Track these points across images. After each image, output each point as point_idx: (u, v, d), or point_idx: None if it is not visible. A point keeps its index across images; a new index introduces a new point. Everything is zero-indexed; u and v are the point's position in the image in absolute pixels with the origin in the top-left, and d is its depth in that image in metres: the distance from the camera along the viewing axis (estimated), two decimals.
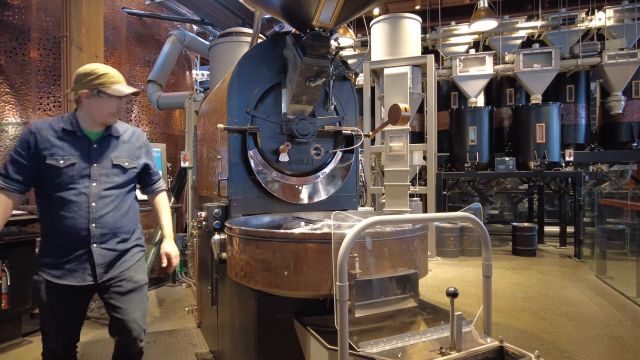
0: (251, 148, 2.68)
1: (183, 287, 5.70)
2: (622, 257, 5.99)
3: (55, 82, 5.51)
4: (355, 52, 10.90)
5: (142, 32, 6.59)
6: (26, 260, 3.81)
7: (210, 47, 5.58)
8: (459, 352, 1.64)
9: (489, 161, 8.50)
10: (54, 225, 2.16)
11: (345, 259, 1.51)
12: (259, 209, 2.75)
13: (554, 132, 8.11)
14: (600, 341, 3.78)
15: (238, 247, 2.21)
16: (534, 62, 8.36)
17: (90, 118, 2.20)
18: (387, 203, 7.09)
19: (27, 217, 3.92)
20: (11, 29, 5.39)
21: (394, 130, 6.95)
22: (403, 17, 7.55)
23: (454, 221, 7.57)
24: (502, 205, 12.55)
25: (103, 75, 2.15)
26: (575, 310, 4.62)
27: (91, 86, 2.14)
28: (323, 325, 1.95)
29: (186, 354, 3.52)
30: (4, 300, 3.57)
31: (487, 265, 1.85)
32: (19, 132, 5.39)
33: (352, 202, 3.09)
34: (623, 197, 5.96)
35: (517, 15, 10.30)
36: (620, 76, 8.30)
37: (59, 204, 2.14)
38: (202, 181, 3.75)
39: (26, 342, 3.80)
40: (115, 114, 2.25)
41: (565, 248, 8.39)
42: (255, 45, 2.77)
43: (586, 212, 7.40)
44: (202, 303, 3.98)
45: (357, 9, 2.42)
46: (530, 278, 6.08)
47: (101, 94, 2.15)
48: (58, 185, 2.13)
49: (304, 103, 2.72)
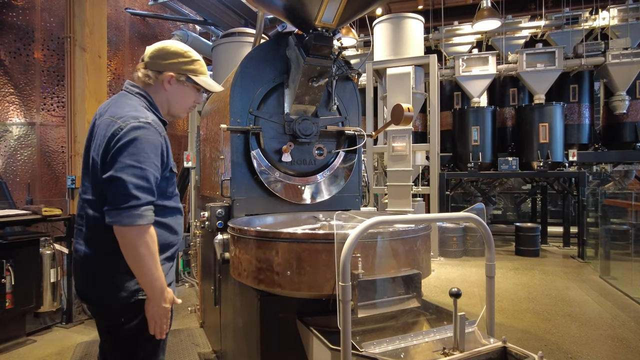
0: (254, 148, 2.68)
1: (186, 286, 5.72)
2: (626, 257, 5.96)
3: (59, 82, 5.53)
4: (358, 52, 10.89)
5: (145, 32, 6.60)
6: (30, 260, 3.83)
7: (213, 47, 5.59)
8: (462, 352, 1.63)
9: (492, 161, 8.48)
10: (169, 240, 1.76)
11: (348, 259, 1.51)
12: (261, 209, 2.76)
13: (557, 132, 8.08)
14: (604, 342, 3.76)
15: (241, 247, 2.21)
16: (537, 62, 8.33)
17: (164, 108, 1.81)
18: (390, 203, 7.09)
19: (31, 217, 3.94)
20: (15, 30, 5.42)
21: (397, 130, 6.94)
22: (406, 17, 7.54)
23: (457, 221, 7.55)
24: (505, 206, 12.51)
25: (196, 62, 1.79)
26: (579, 311, 4.60)
27: (180, 70, 1.75)
28: (326, 326, 1.95)
29: (189, 354, 3.53)
30: (8, 299, 3.60)
31: (490, 265, 1.84)
32: (23, 132, 5.42)
33: (355, 202, 3.09)
34: (627, 198, 5.94)
35: (520, 15, 10.27)
36: (624, 76, 8.25)
37: (172, 214, 1.76)
38: (205, 181, 3.76)
39: (30, 341, 3.81)
40: (192, 109, 1.91)
41: (568, 248, 8.36)
42: (258, 46, 2.78)
43: (590, 213, 7.37)
44: (205, 303, 3.99)
45: (360, 9, 2.42)
46: (533, 278, 6.06)
47: (188, 82, 1.77)
48: (167, 194, 1.74)
49: (306, 103, 2.72)
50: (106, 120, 1.63)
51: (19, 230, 4.26)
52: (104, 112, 1.69)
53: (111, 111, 1.66)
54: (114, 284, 1.62)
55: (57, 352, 3.60)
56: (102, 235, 1.60)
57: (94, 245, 1.66)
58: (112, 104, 1.73)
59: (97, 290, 1.66)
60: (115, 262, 1.58)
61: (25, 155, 5.43)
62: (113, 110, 1.65)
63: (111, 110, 1.67)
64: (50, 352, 3.60)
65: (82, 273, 1.72)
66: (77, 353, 3.57)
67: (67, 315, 4.23)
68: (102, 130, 1.61)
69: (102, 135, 1.60)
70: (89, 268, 1.68)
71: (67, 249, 4.21)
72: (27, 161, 5.43)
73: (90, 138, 1.70)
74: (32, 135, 5.44)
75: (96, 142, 1.63)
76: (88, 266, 1.68)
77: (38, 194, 5.39)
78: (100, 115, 1.70)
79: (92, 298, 1.69)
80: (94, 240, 1.66)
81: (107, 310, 1.67)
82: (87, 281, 1.69)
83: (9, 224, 3.88)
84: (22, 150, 5.42)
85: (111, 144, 1.55)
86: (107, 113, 1.66)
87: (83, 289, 1.71)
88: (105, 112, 1.68)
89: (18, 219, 3.86)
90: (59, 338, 3.91)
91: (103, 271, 1.65)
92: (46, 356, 3.52)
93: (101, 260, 1.65)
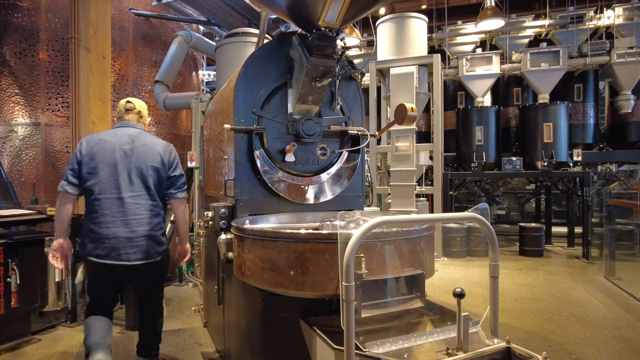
0: (257, 148, 2.69)
1: (189, 286, 5.73)
2: (632, 258, 5.93)
3: (63, 82, 5.56)
4: (361, 52, 10.88)
5: (149, 32, 6.63)
6: (35, 259, 3.85)
7: (216, 47, 5.59)
8: (465, 353, 1.63)
9: (495, 161, 8.45)
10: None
11: (351, 259, 1.51)
12: (265, 209, 2.76)
13: (561, 131, 8.05)
14: (609, 343, 3.74)
15: (244, 247, 2.21)
16: (541, 62, 8.30)
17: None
18: (393, 203, 7.08)
19: (36, 216, 3.96)
20: (20, 31, 5.46)
21: (400, 130, 6.93)
22: (409, 17, 7.53)
23: (461, 221, 7.54)
24: (509, 206, 12.46)
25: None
26: (583, 311, 4.57)
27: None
28: (329, 326, 1.95)
29: (193, 353, 3.54)
30: (13, 298, 3.62)
31: (494, 265, 1.84)
32: (28, 132, 5.46)
33: (358, 202, 3.08)
34: (632, 198, 5.90)
35: (524, 14, 10.24)
36: (629, 75, 8.21)
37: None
38: (208, 181, 3.77)
39: (35, 340, 3.84)
40: None
41: (573, 249, 8.32)
42: (262, 46, 2.78)
43: (594, 213, 7.33)
44: (208, 302, 4.00)
45: (364, 9, 2.42)
46: (537, 279, 6.04)
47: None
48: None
49: (310, 103, 2.72)
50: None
51: (24, 230, 4.28)
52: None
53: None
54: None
55: (62, 351, 3.62)
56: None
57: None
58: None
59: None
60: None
61: (30, 155, 5.46)
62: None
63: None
64: (55, 351, 3.62)
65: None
66: (81, 352, 3.59)
67: (71, 314, 4.25)
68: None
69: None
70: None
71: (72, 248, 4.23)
72: (32, 161, 5.46)
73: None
74: (37, 136, 5.47)
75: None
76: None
77: (43, 194, 5.42)
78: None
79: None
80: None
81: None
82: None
83: (14, 224, 3.90)
84: (27, 151, 5.45)
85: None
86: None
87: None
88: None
89: (23, 218, 3.89)
90: (63, 337, 3.93)
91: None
92: (51, 355, 3.55)
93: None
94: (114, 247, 2.58)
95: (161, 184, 2.77)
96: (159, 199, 2.78)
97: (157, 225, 2.75)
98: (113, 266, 2.60)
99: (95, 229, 2.60)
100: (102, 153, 2.64)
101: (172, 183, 2.80)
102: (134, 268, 2.65)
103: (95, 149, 2.64)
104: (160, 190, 2.78)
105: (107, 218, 2.60)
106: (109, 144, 2.66)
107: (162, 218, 2.81)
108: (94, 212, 2.62)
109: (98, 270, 2.66)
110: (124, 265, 2.61)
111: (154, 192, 2.73)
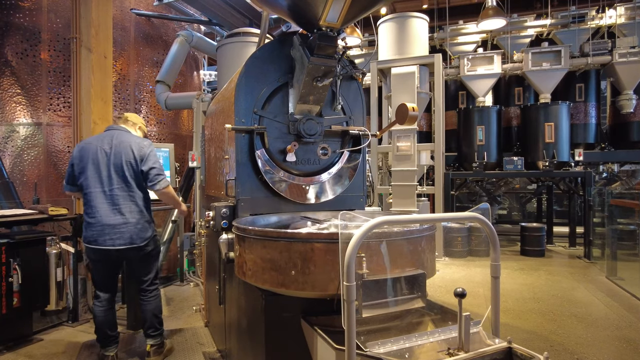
0: (258, 148, 2.69)
1: (191, 286, 5.74)
2: (633, 258, 5.92)
3: (65, 82, 5.57)
4: (363, 52, 10.88)
5: (151, 32, 6.63)
6: (37, 259, 3.86)
7: (217, 47, 5.59)
8: (466, 352, 1.63)
9: (497, 161, 8.43)
10: None
11: (352, 258, 1.51)
12: (266, 209, 2.76)
13: (563, 131, 8.03)
14: (611, 343, 3.73)
15: (245, 247, 2.22)
16: (543, 61, 8.28)
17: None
18: (395, 203, 7.07)
19: (37, 216, 3.97)
20: (22, 31, 5.47)
21: (402, 130, 6.92)
22: (410, 17, 7.52)
23: (462, 221, 7.53)
24: (510, 206, 12.45)
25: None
26: (585, 311, 4.57)
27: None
28: (330, 325, 1.96)
29: (194, 353, 3.55)
30: (15, 298, 3.63)
31: (496, 265, 1.84)
32: (29, 132, 5.47)
33: (359, 202, 3.08)
34: (634, 198, 5.89)
35: (525, 13, 10.21)
36: (631, 75, 8.18)
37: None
38: (209, 181, 3.77)
39: (37, 339, 3.85)
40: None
41: (574, 249, 8.31)
42: (263, 46, 2.78)
43: (596, 213, 7.31)
44: (209, 302, 4.01)
45: (365, 9, 2.41)
46: (539, 279, 6.03)
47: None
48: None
49: (311, 103, 2.72)
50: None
51: (25, 230, 4.30)
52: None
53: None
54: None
55: (64, 350, 3.63)
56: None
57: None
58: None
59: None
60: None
61: (32, 155, 5.47)
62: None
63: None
64: (57, 350, 3.63)
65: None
66: (83, 351, 3.60)
67: (73, 314, 4.26)
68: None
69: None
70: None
71: (73, 248, 4.24)
72: (33, 161, 5.48)
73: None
74: (39, 135, 5.49)
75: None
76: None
77: (44, 194, 5.43)
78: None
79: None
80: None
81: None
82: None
83: (16, 223, 3.91)
84: (29, 150, 5.47)
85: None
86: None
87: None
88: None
89: (25, 218, 3.90)
90: (65, 336, 3.94)
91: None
92: (53, 354, 3.55)
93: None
94: (100, 234, 3.06)
95: (138, 177, 3.19)
96: (140, 190, 3.20)
97: (137, 214, 3.16)
98: (104, 250, 3.08)
99: (87, 219, 3.12)
100: (87, 154, 3.13)
101: (145, 176, 3.19)
102: (121, 252, 3.12)
103: (83, 152, 3.14)
104: (139, 182, 3.20)
105: (94, 209, 3.09)
106: (93, 146, 3.15)
107: (143, 207, 3.21)
108: (85, 205, 3.15)
109: (94, 254, 3.16)
110: (111, 250, 3.08)
111: (132, 185, 3.15)
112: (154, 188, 3.21)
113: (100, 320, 3.23)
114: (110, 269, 3.28)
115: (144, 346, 3.61)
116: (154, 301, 3.39)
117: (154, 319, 3.37)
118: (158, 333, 3.41)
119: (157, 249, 3.41)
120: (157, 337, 3.40)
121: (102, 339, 3.26)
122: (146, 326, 3.37)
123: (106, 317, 3.24)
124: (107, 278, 3.27)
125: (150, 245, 3.28)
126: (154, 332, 3.38)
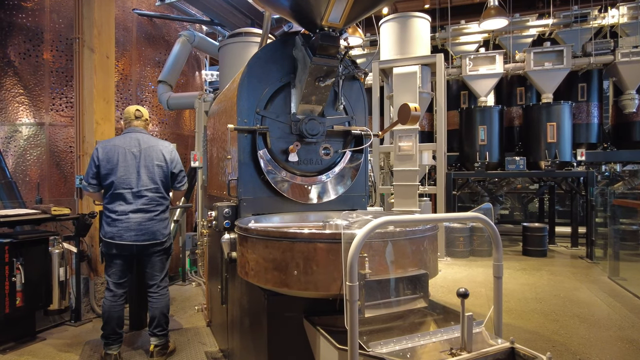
0: (261, 148, 2.69)
1: (193, 285, 5.75)
2: (636, 258, 5.91)
3: (67, 82, 5.58)
4: (365, 52, 10.86)
5: (153, 33, 6.64)
6: (40, 259, 3.87)
7: (219, 47, 5.60)
8: (469, 353, 1.63)
9: (499, 161, 8.42)
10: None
11: (355, 259, 1.51)
12: (268, 209, 2.76)
13: (565, 131, 8.01)
14: (613, 343, 3.73)
15: (248, 247, 2.22)
16: (545, 61, 8.26)
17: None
18: (396, 203, 7.07)
19: (40, 216, 3.98)
20: (25, 31, 5.48)
21: (404, 130, 6.92)
22: (412, 16, 7.52)
23: (464, 221, 7.52)
24: (512, 206, 12.43)
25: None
26: (587, 311, 4.56)
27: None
28: (333, 325, 1.96)
29: (196, 353, 3.55)
30: (18, 297, 3.64)
31: (498, 265, 1.84)
32: (32, 132, 5.48)
33: (361, 202, 3.08)
34: (637, 198, 5.88)
35: (527, 13, 10.18)
36: (634, 74, 8.15)
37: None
38: (212, 181, 3.77)
39: (40, 338, 3.86)
40: None
41: (576, 249, 8.29)
42: (265, 46, 2.78)
43: (598, 213, 7.30)
44: (212, 302, 4.01)
45: (367, 9, 2.42)
46: (541, 279, 6.02)
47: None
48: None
49: (313, 103, 2.72)
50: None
51: (28, 230, 4.31)
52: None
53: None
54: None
55: (66, 350, 3.64)
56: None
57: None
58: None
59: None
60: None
61: (35, 155, 5.49)
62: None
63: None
64: (59, 349, 3.64)
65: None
66: (85, 351, 3.61)
67: (75, 313, 4.27)
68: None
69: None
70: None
71: (75, 247, 4.25)
72: (36, 161, 5.49)
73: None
74: (42, 136, 5.50)
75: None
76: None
77: (47, 194, 5.45)
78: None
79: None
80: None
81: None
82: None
83: (19, 223, 3.92)
84: (31, 150, 5.48)
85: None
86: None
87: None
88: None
89: (28, 218, 3.91)
90: (68, 336, 3.95)
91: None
92: (55, 354, 3.57)
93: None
94: (127, 230, 3.22)
95: (166, 179, 3.42)
96: (164, 189, 3.41)
97: (162, 212, 3.38)
98: (128, 246, 3.24)
99: (114, 216, 3.25)
100: (116, 156, 3.28)
101: (175, 177, 3.48)
102: (143, 247, 3.30)
103: (110, 154, 3.28)
104: (166, 184, 3.43)
105: (123, 207, 3.24)
106: (121, 149, 3.31)
107: (165, 205, 3.42)
108: (111, 203, 3.27)
109: (116, 249, 3.28)
110: (134, 245, 3.25)
111: (159, 185, 3.36)
112: (181, 188, 3.54)
113: (111, 316, 3.29)
114: (128, 265, 3.42)
115: (146, 346, 3.62)
116: (164, 299, 3.46)
117: (163, 317, 3.43)
118: (164, 333, 3.43)
119: (172, 245, 3.61)
120: (162, 337, 3.42)
121: (108, 335, 3.30)
122: (153, 325, 3.40)
123: (118, 313, 3.32)
124: (124, 273, 3.39)
125: (169, 241, 3.48)
126: (160, 331, 3.41)
